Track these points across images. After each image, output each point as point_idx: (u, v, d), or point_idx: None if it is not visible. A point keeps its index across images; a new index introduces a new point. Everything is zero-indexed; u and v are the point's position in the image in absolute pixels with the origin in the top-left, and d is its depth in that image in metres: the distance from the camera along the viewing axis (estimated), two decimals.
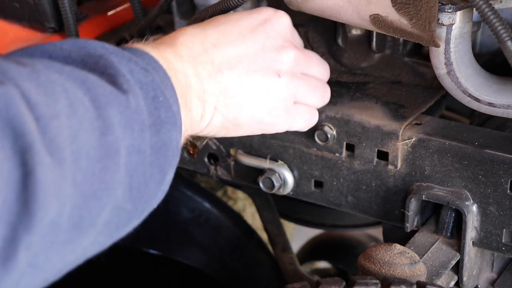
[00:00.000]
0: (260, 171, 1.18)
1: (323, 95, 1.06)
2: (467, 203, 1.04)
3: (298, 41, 1.06)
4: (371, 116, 1.09)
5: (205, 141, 1.18)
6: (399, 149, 1.07)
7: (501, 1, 0.98)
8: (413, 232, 1.08)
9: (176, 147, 0.83)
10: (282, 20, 1.00)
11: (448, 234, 1.07)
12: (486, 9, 0.91)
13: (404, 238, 1.08)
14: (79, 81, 0.72)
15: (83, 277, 1.53)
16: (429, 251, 1.05)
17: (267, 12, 1.00)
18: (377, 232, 1.86)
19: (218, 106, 0.93)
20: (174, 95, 0.84)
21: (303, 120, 1.04)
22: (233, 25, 0.96)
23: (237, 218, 1.55)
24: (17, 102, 0.64)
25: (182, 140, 0.91)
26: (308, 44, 1.21)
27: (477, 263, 1.09)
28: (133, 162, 0.75)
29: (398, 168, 1.08)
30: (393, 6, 0.96)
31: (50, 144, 0.65)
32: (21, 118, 0.63)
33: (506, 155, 1.00)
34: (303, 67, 1.02)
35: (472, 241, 1.05)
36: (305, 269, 1.64)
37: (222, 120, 0.94)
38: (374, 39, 1.14)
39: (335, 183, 1.14)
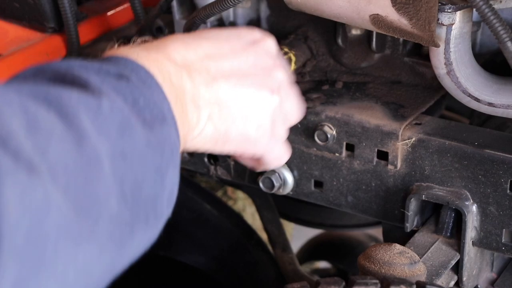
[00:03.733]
0: (260, 171, 1.18)
1: (299, 111, 1.04)
2: (467, 203, 1.04)
3: (284, 63, 1.05)
4: (371, 116, 1.09)
5: None
6: (399, 149, 1.07)
7: (501, 1, 0.98)
8: (413, 232, 1.08)
9: (173, 143, 0.80)
10: (270, 42, 1.00)
11: (448, 234, 1.07)
12: (486, 9, 0.91)
13: (404, 238, 1.08)
14: (40, 97, 0.69)
15: None
16: (429, 251, 1.05)
17: (256, 34, 1.00)
18: (377, 232, 1.86)
19: (212, 116, 0.92)
20: (160, 93, 0.81)
21: (279, 153, 1.02)
22: (224, 41, 0.96)
23: (237, 218, 1.55)
24: None
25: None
26: (308, 44, 1.21)
27: (477, 263, 1.09)
28: (120, 167, 0.72)
29: (398, 168, 1.08)
30: (393, 6, 0.96)
31: (14, 157, 0.62)
32: None
33: (506, 155, 1.00)
34: (288, 88, 1.01)
35: (472, 241, 1.05)
36: (305, 269, 1.64)
37: (213, 132, 0.93)
38: (374, 39, 1.15)
39: (335, 183, 1.14)
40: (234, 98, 0.93)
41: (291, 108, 1.01)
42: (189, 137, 0.90)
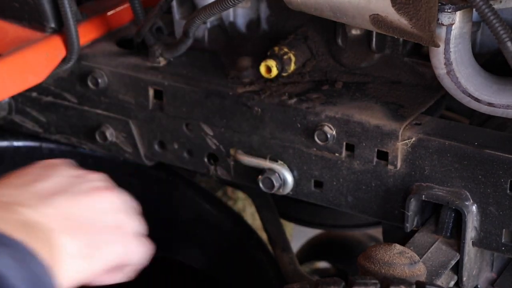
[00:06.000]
0: (260, 171, 1.18)
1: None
2: (466, 203, 1.04)
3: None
4: (371, 116, 1.09)
5: None
6: (399, 149, 1.07)
7: (501, 1, 0.98)
8: (413, 232, 1.08)
9: None
10: (65, 165, 1.02)
11: (448, 234, 1.07)
12: (486, 9, 0.91)
13: (404, 238, 1.08)
14: None
15: None
16: (429, 251, 1.05)
17: (51, 160, 1.02)
18: (377, 232, 1.86)
19: (68, 230, 0.91)
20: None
21: (139, 251, 1.03)
22: (29, 171, 0.98)
23: (237, 218, 1.55)
24: None
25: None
26: (308, 44, 1.21)
27: (476, 263, 1.09)
28: None
29: (398, 168, 1.08)
30: (393, 6, 0.96)
31: None
32: None
33: (506, 155, 1.00)
34: (106, 185, 1.03)
35: (472, 241, 1.05)
36: (305, 269, 1.64)
37: (77, 248, 0.91)
38: (374, 39, 1.14)
39: (335, 183, 1.14)
40: (77, 208, 0.95)
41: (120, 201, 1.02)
42: (61, 267, 0.88)
